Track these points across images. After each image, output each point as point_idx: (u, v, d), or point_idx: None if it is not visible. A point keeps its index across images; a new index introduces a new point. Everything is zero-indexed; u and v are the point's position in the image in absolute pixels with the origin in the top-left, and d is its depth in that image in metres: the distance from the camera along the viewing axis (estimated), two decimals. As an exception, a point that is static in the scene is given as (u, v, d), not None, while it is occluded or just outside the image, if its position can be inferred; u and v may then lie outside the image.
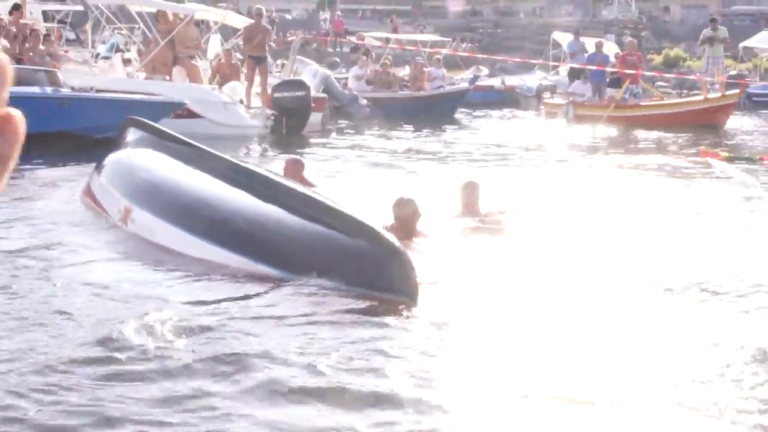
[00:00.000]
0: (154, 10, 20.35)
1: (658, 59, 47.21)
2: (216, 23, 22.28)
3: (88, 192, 10.18)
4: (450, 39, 38.40)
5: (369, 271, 7.03)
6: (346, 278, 7.05)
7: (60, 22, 28.57)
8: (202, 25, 22.46)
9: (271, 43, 22.52)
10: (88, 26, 24.38)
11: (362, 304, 6.87)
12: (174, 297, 7.06)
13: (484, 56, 33.78)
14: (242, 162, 10.45)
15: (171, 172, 9.03)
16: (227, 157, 9.73)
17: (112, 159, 10.39)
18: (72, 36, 28.35)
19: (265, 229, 7.75)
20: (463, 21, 70.97)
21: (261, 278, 7.40)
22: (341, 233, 7.24)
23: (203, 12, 21.61)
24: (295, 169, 10.41)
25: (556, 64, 33.42)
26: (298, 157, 12.16)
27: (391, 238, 7.02)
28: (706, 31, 27.06)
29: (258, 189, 8.08)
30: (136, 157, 10.09)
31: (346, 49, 39.72)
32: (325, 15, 50.41)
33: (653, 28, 62.93)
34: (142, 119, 11.30)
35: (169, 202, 8.42)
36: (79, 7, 28.74)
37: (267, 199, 7.88)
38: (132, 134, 10.96)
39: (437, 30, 53.54)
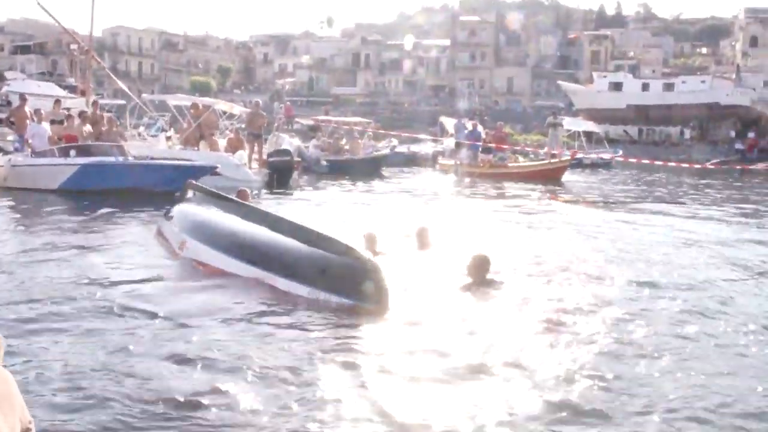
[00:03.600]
0: (189, 103, 19.96)
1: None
2: (225, 112, 21.69)
3: (159, 231, 10.10)
4: (370, 120, 38.04)
5: (352, 281, 6.52)
6: (336, 287, 6.63)
7: (108, 111, 27.77)
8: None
9: (265, 124, 22.11)
10: (127, 114, 23.70)
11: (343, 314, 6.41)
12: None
13: (395, 132, 33.34)
14: (258, 207, 10.19)
15: (211, 216, 9.06)
16: (250, 204, 9.87)
17: (175, 209, 10.35)
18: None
19: (275, 250, 7.43)
20: (368, 108, 71.08)
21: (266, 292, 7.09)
22: (332, 253, 6.83)
23: (220, 104, 21.18)
24: (244, 195, 10.68)
25: (441, 138, 33.52)
26: (244, 188, 11.98)
27: (369, 255, 6.80)
28: (550, 119, 27.33)
29: (268, 223, 7.98)
30: (190, 207, 10.08)
31: (296, 126, 39.35)
32: (281, 105, 49.73)
33: (491, 114, 63.54)
34: (196, 183, 11.22)
35: (209, 234, 8.43)
36: (122, 101, 28.01)
37: (275, 230, 7.71)
38: (189, 193, 10.99)
39: (352, 115, 53.74)
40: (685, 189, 24.56)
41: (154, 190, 15.16)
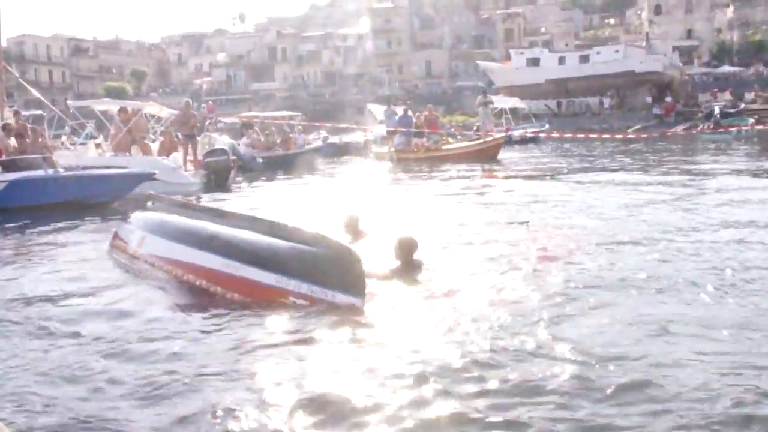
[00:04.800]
0: (117, 108, 19.08)
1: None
2: (153, 115, 20.89)
3: (115, 237, 9.46)
4: (298, 114, 37.44)
5: (328, 270, 6.02)
6: (306, 274, 6.10)
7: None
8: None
9: (198, 125, 21.39)
10: (45, 124, 22.58)
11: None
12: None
13: (326, 124, 32.89)
14: (208, 205, 10.24)
15: (172, 216, 8.67)
16: (202, 204, 10.00)
17: (134, 214, 9.75)
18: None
19: (240, 241, 6.90)
20: (289, 102, 70.32)
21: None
22: (299, 242, 6.32)
23: (149, 107, 20.32)
24: None
25: (367, 127, 33.30)
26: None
27: (342, 242, 6.33)
28: (480, 98, 27.31)
29: (222, 218, 7.72)
30: (150, 212, 9.50)
31: (220, 125, 38.42)
32: (202, 105, 48.61)
33: (413, 98, 63.71)
34: (156, 194, 10.41)
35: (170, 229, 8.12)
36: (39, 111, 26.76)
37: (239, 226, 7.25)
38: (148, 203, 10.33)
39: (274, 109, 53.03)
40: (617, 157, 25.00)
41: (90, 202, 14.41)
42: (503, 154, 26.16)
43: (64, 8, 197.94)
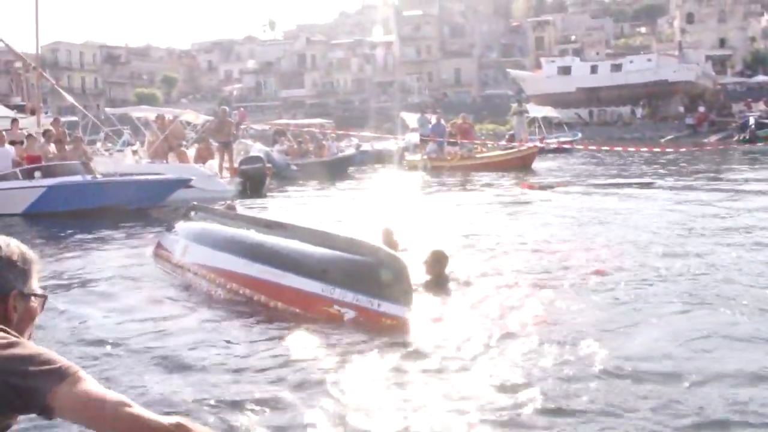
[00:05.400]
0: (154, 115, 19.17)
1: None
2: (189, 122, 20.94)
3: (159, 246, 9.45)
4: (330, 121, 37.40)
5: (374, 279, 5.83)
6: (350, 283, 5.95)
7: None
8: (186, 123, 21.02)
9: (234, 132, 21.43)
10: (80, 130, 22.67)
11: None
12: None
13: (356, 132, 32.80)
14: (250, 215, 10.38)
15: (216, 225, 8.80)
16: (245, 214, 10.01)
17: (178, 224, 9.71)
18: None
19: (284, 249, 6.83)
20: (318, 109, 70.51)
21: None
22: (345, 251, 6.22)
23: (186, 114, 20.36)
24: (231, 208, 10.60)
25: (399, 136, 33.28)
26: (231, 203, 11.67)
27: (389, 251, 6.09)
28: (515, 107, 27.10)
29: (266, 227, 7.79)
30: (192, 221, 9.56)
31: (251, 132, 38.51)
32: (234, 111, 48.94)
33: (443, 106, 63.48)
34: (199, 204, 10.54)
35: (214, 238, 8.14)
36: (74, 118, 26.91)
37: (281, 234, 7.30)
38: (191, 213, 10.28)
39: (304, 117, 53.10)
40: (653, 167, 24.61)
41: (128, 207, 14.49)
42: (537, 164, 25.89)
43: (97, 15, 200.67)
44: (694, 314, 5.86)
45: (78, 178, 14.78)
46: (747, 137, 37.18)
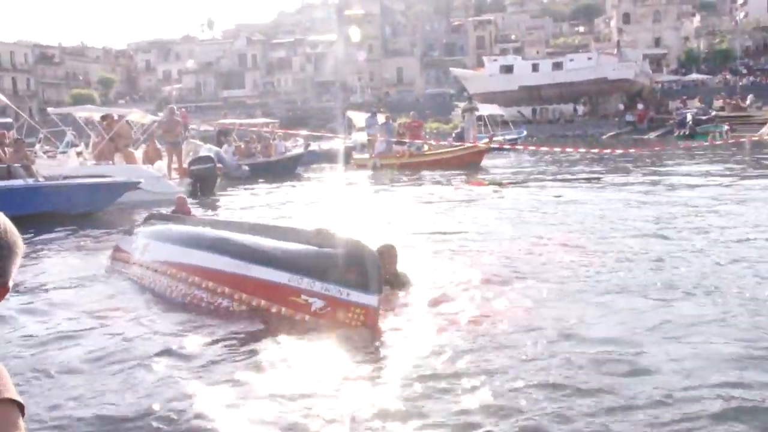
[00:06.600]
0: (99, 115, 18.57)
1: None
2: (137, 122, 20.40)
3: (117, 249, 9.24)
4: (276, 121, 36.99)
5: (341, 268, 5.74)
6: (324, 275, 5.81)
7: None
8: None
9: (182, 132, 20.99)
10: (14, 132, 21.87)
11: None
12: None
13: (305, 132, 32.49)
14: (209, 218, 10.69)
15: (175, 225, 8.71)
16: (197, 217, 10.29)
17: (136, 228, 9.57)
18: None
19: (247, 243, 6.72)
20: (260, 109, 69.82)
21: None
22: (313, 244, 6.13)
23: (132, 114, 19.78)
24: (182, 201, 11.15)
25: (346, 136, 33.22)
26: (182, 195, 11.83)
27: (358, 240, 5.88)
28: (465, 105, 27.19)
29: (226, 227, 7.76)
30: (151, 225, 9.30)
31: (192, 132, 37.85)
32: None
33: (385, 105, 63.57)
34: (159, 212, 10.62)
35: (175, 235, 8.08)
36: (8, 119, 26.07)
37: (243, 230, 7.23)
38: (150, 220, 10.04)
39: (245, 117, 52.43)
40: (598, 162, 25.06)
41: (73, 212, 13.86)
42: (485, 161, 26.03)
43: (28, 13, 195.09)
44: (647, 302, 6.14)
45: (19, 182, 14.08)
46: (686, 133, 38.16)
